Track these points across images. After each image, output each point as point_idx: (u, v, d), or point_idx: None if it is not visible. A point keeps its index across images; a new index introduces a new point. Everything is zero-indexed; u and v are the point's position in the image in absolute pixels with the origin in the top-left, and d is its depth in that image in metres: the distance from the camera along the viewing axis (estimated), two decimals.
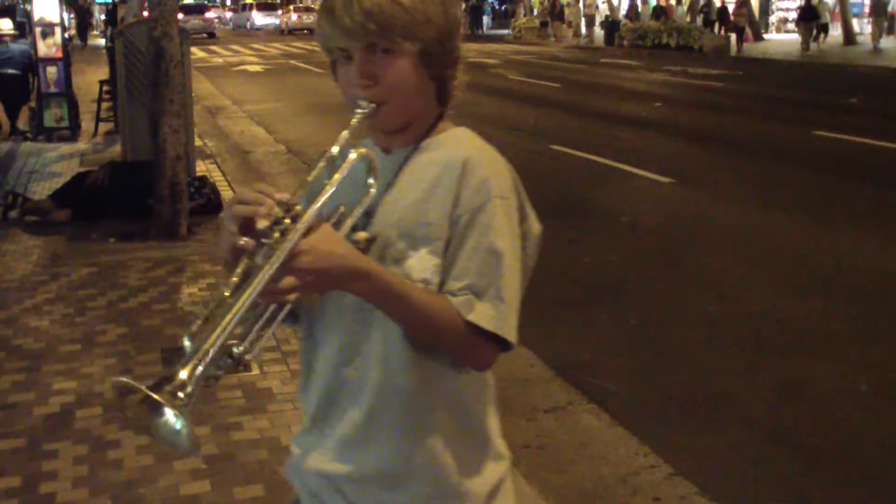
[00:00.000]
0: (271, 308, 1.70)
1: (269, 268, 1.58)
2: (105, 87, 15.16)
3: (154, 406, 1.46)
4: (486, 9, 55.80)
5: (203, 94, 20.42)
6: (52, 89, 14.61)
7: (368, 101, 1.82)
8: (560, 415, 4.96)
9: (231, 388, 5.09)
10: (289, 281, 1.60)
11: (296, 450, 1.98)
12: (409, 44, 1.79)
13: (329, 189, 1.71)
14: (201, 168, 11.21)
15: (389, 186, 1.85)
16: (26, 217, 9.12)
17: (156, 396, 1.45)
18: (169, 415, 1.46)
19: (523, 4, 53.65)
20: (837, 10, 36.12)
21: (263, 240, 1.61)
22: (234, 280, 1.63)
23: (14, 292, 6.97)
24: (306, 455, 1.94)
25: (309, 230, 1.63)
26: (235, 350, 1.65)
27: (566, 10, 47.33)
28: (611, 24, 41.14)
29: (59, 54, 14.72)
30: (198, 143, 11.97)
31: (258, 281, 1.57)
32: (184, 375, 1.49)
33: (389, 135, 1.90)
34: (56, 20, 14.80)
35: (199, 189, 9.31)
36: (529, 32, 46.16)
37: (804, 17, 33.82)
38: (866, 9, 38.15)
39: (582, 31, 45.66)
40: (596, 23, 44.46)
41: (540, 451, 4.59)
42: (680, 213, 9.86)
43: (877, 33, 31.85)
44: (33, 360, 5.64)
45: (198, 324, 1.63)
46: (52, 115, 14.65)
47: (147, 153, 8.98)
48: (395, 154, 1.90)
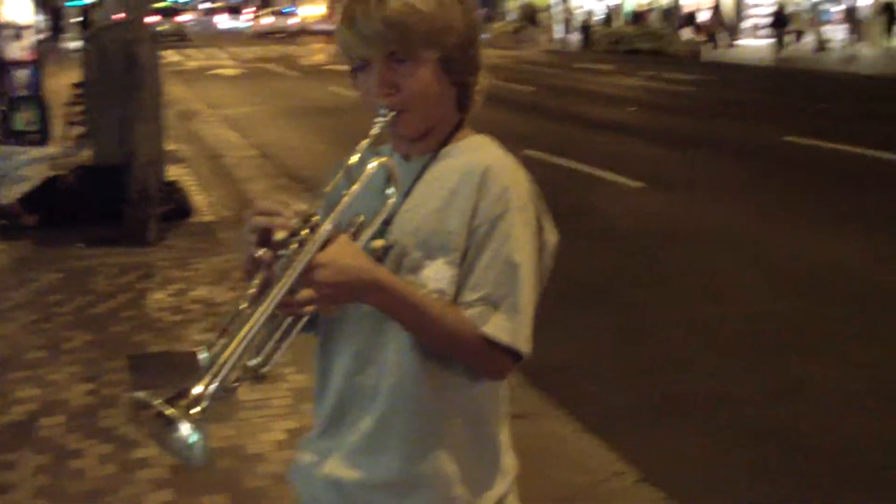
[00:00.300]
0: (288, 320, 1.69)
1: (286, 280, 1.58)
2: (77, 91, 15.04)
3: (168, 421, 1.45)
4: None
5: (177, 99, 20.31)
6: (23, 92, 14.49)
7: (389, 109, 1.80)
8: (530, 421, 4.94)
9: None
10: (306, 293, 1.61)
11: (304, 454, 1.96)
12: (429, 51, 1.79)
13: (347, 200, 1.71)
14: (173, 173, 11.13)
15: (408, 194, 1.85)
16: None
17: (168, 412, 1.44)
18: (183, 430, 1.45)
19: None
20: (810, 18, 36.38)
21: (281, 251, 1.61)
22: (252, 291, 1.62)
23: None
24: (315, 460, 1.93)
25: (327, 242, 1.63)
26: (251, 362, 1.65)
27: (541, 15, 47.44)
28: (585, 29, 41.29)
29: (31, 57, 14.60)
30: (170, 147, 11.89)
31: (275, 293, 1.57)
32: (199, 390, 1.49)
33: (409, 142, 1.89)
34: (26, 22, 14.67)
35: (169, 194, 9.24)
36: (504, 37, 46.24)
37: (776, 22, 34.14)
38: (836, 17, 38.57)
39: (557, 35, 45.78)
40: (571, 27, 44.60)
41: None
42: (653, 216, 9.89)
43: (851, 40, 32.07)
44: None
45: (215, 336, 1.61)
46: (22, 119, 14.51)
47: (118, 158, 8.90)
48: (415, 161, 1.89)
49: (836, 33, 35.87)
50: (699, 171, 12.66)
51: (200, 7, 74.80)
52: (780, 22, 34.27)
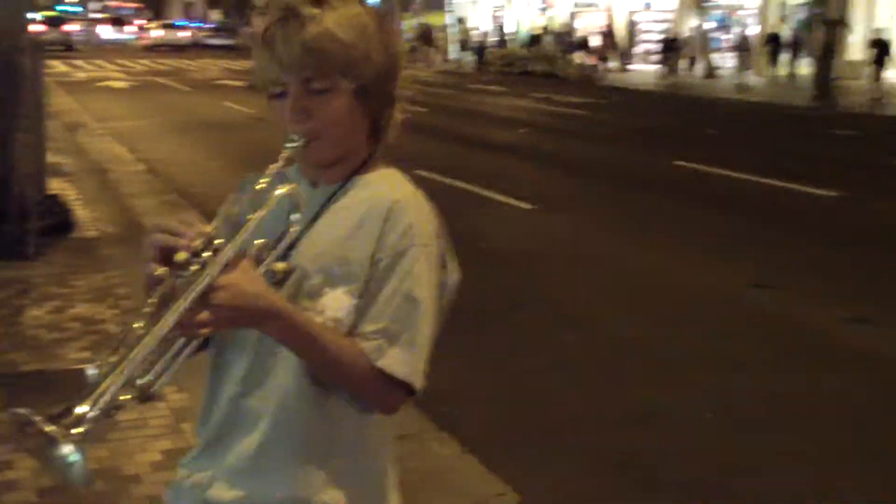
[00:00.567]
0: (182, 340, 1.67)
1: (184, 301, 1.56)
2: None
3: (50, 439, 1.41)
4: None
5: (63, 110, 19.86)
6: None
7: (301, 136, 1.80)
8: (410, 443, 4.92)
9: None
10: (203, 316, 1.58)
11: (183, 473, 1.93)
12: (346, 81, 1.80)
13: (252, 224, 1.70)
14: (55, 186, 10.86)
15: (314, 220, 1.85)
16: None
17: (49, 430, 1.41)
18: (64, 449, 1.41)
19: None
20: (701, 45, 37.24)
21: (181, 272, 1.59)
22: (147, 310, 1.60)
23: None
24: (193, 480, 1.89)
25: (228, 265, 1.61)
26: (140, 381, 1.61)
27: (437, 35, 47.71)
28: (480, 50, 41.64)
29: None
30: (53, 160, 11.62)
31: (172, 313, 1.55)
32: (83, 409, 1.45)
33: (319, 169, 1.89)
34: None
35: (50, 208, 9.01)
36: None
37: (666, 48, 34.99)
38: (725, 44, 39.61)
39: (452, 55, 46.08)
40: (466, 48, 44.96)
41: None
42: (541, 239, 9.98)
43: (740, 67, 32.86)
44: None
45: (105, 354, 1.58)
46: None
47: None
48: (323, 188, 1.89)
49: (726, 61, 36.80)
50: (588, 194, 12.85)
51: (91, 17, 73.54)
52: (669, 48, 35.08)
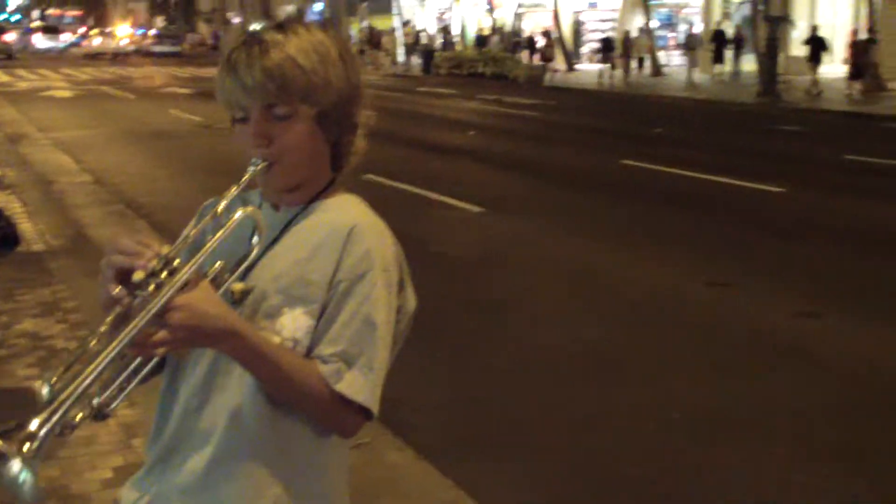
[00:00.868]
0: (138, 360, 1.68)
1: (139, 320, 1.57)
2: None
3: (0, 455, 1.41)
4: None
5: (5, 121, 19.64)
6: None
7: (261, 160, 1.82)
8: (365, 450, 4.90)
9: None
10: (160, 335, 1.59)
11: (130, 492, 1.92)
12: (306, 107, 1.82)
13: (211, 245, 1.71)
14: None
15: (274, 243, 1.87)
16: None
17: (0, 446, 1.41)
18: (13, 466, 1.41)
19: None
20: (648, 44, 37.46)
21: (138, 292, 1.60)
22: (103, 329, 1.61)
23: None
24: (141, 498, 1.88)
25: (186, 285, 1.62)
26: (97, 400, 1.63)
27: (384, 39, 47.64)
28: (428, 53, 41.63)
29: None
30: None
31: (127, 332, 1.56)
32: (34, 426, 1.45)
33: (280, 193, 1.90)
34: None
35: None
36: None
37: (605, 48, 35.23)
38: (671, 42, 39.96)
39: (400, 59, 46.03)
40: (414, 51, 44.93)
41: None
42: (491, 241, 9.99)
43: (690, 65, 33.08)
44: None
45: (58, 371, 1.59)
46: None
47: None
48: (284, 212, 1.91)
49: (672, 59, 37.06)
50: (537, 195, 12.87)
51: (32, 26, 72.89)
52: (608, 48, 35.23)
